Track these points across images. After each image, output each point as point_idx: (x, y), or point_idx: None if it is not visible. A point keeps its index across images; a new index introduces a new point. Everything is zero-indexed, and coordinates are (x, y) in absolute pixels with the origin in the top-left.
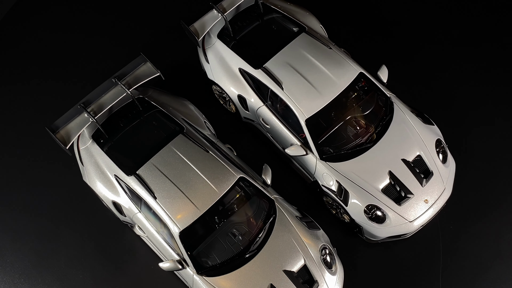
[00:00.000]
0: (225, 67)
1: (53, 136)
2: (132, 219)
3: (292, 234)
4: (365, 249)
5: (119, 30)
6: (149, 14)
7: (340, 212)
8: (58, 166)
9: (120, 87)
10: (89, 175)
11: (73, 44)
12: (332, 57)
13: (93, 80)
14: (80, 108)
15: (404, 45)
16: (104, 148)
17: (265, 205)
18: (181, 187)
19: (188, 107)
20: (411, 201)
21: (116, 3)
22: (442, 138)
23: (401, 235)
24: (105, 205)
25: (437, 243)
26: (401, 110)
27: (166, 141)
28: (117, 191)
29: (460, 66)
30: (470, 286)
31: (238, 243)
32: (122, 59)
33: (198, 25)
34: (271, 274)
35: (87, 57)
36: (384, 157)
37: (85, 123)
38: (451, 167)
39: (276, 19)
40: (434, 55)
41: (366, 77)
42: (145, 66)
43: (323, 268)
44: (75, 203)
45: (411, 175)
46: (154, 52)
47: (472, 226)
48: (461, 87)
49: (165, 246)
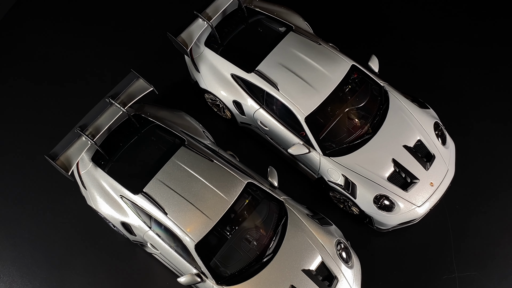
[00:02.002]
0: (217, 74)
1: (54, 163)
2: (143, 237)
3: (306, 232)
4: (377, 239)
5: (102, 47)
6: (131, 29)
7: (348, 205)
8: (59, 192)
9: (115, 106)
10: (93, 199)
11: (58, 59)
12: (323, 52)
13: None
14: (77, 132)
15: (388, 36)
16: (106, 170)
17: (275, 208)
18: (190, 200)
19: (185, 118)
20: (417, 186)
21: (96, 21)
22: (439, 121)
23: (410, 221)
24: (112, 226)
25: (446, 225)
26: (396, 97)
27: (168, 155)
28: (125, 211)
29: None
30: (484, 263)
31: (253, 248)
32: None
33: (185, 35)
34: (291, 275)
35: (70, 73)
36: (386, 146)
37: (85, 146)
38: (451, 148)
39: (261, 21)
40: (421, 45)
41: (358, 69)
42: (138, 83)
43: (340, 263)
44: (81, 229)
45: (414, 161)
46: (139, 68)
47: (477, 204)
48: (449, 68)
49: (181, 260)
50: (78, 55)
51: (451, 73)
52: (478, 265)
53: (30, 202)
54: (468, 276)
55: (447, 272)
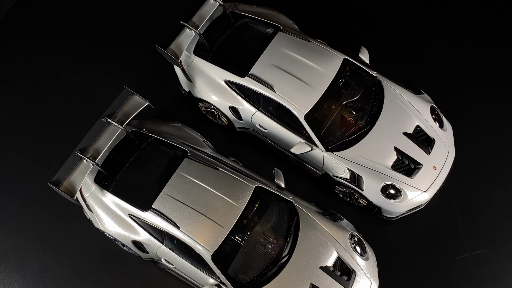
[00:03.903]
0: (210, 82)
1: (58, 190)
2: (156, 253)
3: (319, 230)
4: (387, 228)
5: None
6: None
7: (355, 197)
8: (62, 218)
9: (113, 125)
10: (101, 221)
11: (43, 78)
12: (314, 49)
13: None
14: (77, 155)
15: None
16: (110, 190)
17: (285, 209)
18: (201, 210)
19: (183, 130)
20: (421, 171)
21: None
22: (434, 104)
23: (418, 206)
24: (122, 246)
25: (451, 206)
26: (390, 86)
27: (173, 168)
28: (135, 229)
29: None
30: (493, 239)
31: (268, 252)
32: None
33: (174, 46)
34: (309, 274)
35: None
36: (386, 135)
37: (87, 169)
38: (449, 130)
39: (247, 24)
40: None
41: (350, 62)
42: (133, 99)
43: (356, 256)
44: (90, 252)
45: (415, 146)
46: (129, 84)
47: (480, 182)
48: (440, 51)
49: (198, 272)
50: (61, 80)
51: (436, 50)
52: (488, 242)
53: (35, 232)
54: (480, 254)
55: (459, 253)
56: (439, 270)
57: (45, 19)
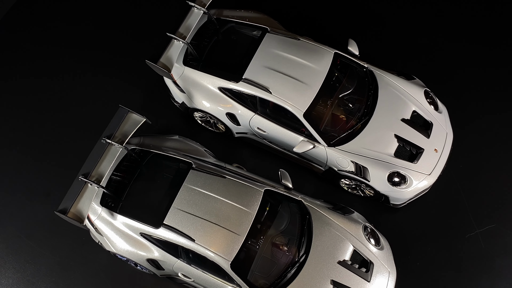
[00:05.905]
0: (204, 91)
1: (66, 217)
2: (173, 269)
3: (332, 225)
4: (396, 215)
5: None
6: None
7: (361, 189)
8: (70, 246)
9: (113, 146)
10: (112, 243)
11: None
12: (304, 47)
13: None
14: (81, 180)
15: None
16: (117, 211)
17: (296, 208)
18: (214, 220)
19: (183, 142)
20: (423, 155)
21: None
22: (427, 88)
23: (423, 190)
24: (134, 266)
25: (455, 186)
26: (382, 75)
27: (179, 182)
28: (148, 248)
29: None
30: (499, 214)
31: (285, 253)
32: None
33: (164, 59)
34: (328, 270)
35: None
36: (385, 123)
37: (93, 193)
38: (444, 111)
39: (234, 29)
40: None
41: (341, 55)
42: (129, 117)
43: (371, 247)
44: (104, 277)
45: (415, 132)
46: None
47: (480, 159)
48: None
49: (217, 283)
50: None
51: (425, 38)
52: (495, 217)
53: (43, 263)
54: (489, 230)
55: (468, 231)
56: (452, 250)
57: (44, 21)
